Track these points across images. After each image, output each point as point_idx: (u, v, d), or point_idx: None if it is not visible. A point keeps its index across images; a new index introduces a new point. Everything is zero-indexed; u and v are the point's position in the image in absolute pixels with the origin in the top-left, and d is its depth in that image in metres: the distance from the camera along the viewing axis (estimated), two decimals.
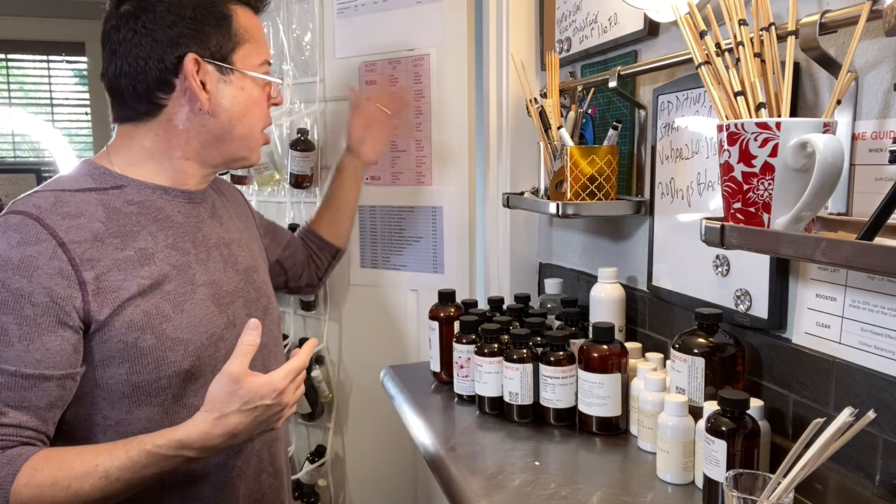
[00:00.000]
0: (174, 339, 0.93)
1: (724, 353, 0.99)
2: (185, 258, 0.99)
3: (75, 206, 0.92)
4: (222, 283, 1.03)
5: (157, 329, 0.92)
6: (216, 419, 0.84)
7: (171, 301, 0.94)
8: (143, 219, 0.97)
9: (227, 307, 1.02)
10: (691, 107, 1.14)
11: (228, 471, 1.01)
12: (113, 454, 0.84)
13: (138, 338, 0.91)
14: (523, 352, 1.19)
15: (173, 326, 0.93)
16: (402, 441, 1.77)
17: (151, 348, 0.91)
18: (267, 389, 0.86)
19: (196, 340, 0.95)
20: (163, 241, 0.97)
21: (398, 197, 1.89)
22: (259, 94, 1.03)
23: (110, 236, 0.92)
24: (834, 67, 0.83)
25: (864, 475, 0.85)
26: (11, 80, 4.01)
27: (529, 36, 1.65)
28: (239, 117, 1.01)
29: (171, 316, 0.94)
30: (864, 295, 0.85)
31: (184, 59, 0.95)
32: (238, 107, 1.00)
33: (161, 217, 0.99)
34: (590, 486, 0.97)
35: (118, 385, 0.91)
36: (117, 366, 0.91)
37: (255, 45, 1.01)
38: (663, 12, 1.11)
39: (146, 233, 0.96)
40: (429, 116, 1.80)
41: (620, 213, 1.30)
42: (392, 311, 1.94)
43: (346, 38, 1.91)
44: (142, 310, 0.91)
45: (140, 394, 0.92)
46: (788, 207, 0.77)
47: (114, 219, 0.94)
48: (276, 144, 2.02)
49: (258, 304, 1.09)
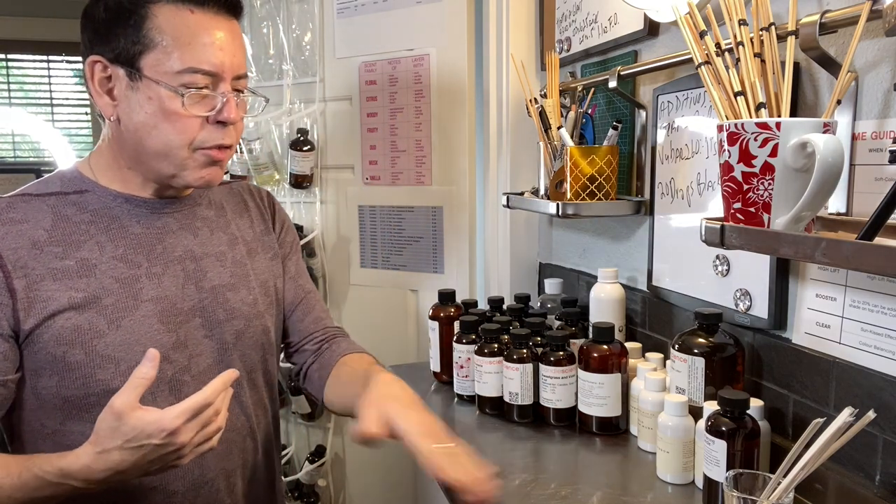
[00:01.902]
0: (104, 356, 0.88)
1: (724, 353, 0.99)
2: (134, 271, 0.93)
3: (23, 211, 0.90)
4: (176, 300, 0.95)
5: (86, 345, 0.88)
6: (97, 454, 0.77)
7: (108, 316, 0.89)
8: (92, 228, 0.92)
9: (179, 326, 0.94)
10: (691, 107, 1.14)
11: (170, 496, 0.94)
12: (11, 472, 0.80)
13: (66, 352, 0.87)
14: (523, 352, 1.19)
15: (105, 343, 0.88)
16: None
17: (80, 364, 0.88)
18: (154, 428, 0.75)
19: (130, 359, 0.88)
20: (110, 252, 0.92)
21: (398, 197, 1.89)
22: (175, 106, 0.88)
23: (51, 244, 0.89)
24: (834, 67, 0.83)
25: (864, 475, 0.85)
26: (11, 80, 4.01)
27: (529, 36, 1.65)
28: (147, 130, 0.89)
29: (105, 332, 0.89)
30: (864, 295, 0.85)
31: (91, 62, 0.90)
32: (145, 118, 0.89)
33: (114, 227, 0.94)
34: (590, 486, 0.97)
35: (50, 397, 0.89)
36: (48, 377, 0.88)
37: (176, 49, 0.87)
38: (663, 12, 1.11)
39: (93, 243, 0.92)
40: (429, 116, 1.80)
41: (620, 213, 1.30)
42: (392, 311, 1.94)
43: (346, 38, 1.91)
44: (73, 323, 0.87)
45: (71, 407, 0.89)
46: (788, 207, 0.77)
47: (59, 227, 0.91)
48: (277, 144, 2.02)
49: (228, 325, 0.99)
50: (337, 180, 1.98)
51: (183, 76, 0.88)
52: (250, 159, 1.99)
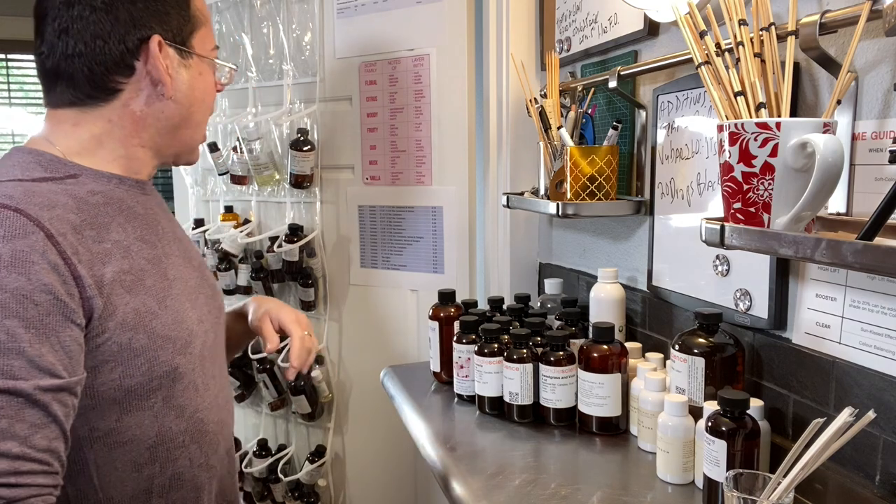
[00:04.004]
0: (164, 336, 0.88)
1: (724, 353, 0.99)
2: (156, 252, 0.92)
3: (45, 196, 0.82)
4: (187, 279, 0.97)
5: (147, 327, 0.86)
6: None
7: (155, 296, 0.89)
8: (109, 209, 0.89)
9: (195, 303, 0.97)
10: (691, 107, 1.14)
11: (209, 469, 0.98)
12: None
13: (132, 338, 0.85)
14: (523, 352, 1.19)
15: (161, 323, 0.88)
16: (402, 441, 1.77)
17: (144, 348, 0.86)
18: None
19: (180, 337, 0.91)
20: (132, 233, 0.90)
21: (398, 197, 1.89)
22: (212, 81, 0.99)
23: (86, 228, 0.84)
24: (834, 67, 0.83)
25: (864, 475, 0.85)
26: (11, 80, 4.01)
27: (529, 36, 1.65)
28: (199, 105, 0.96)
29: (157, 312, 0.88)
30: (864, 295, 0.85)
31: (148, 41, 0.88)
32: (197, 92, 0.95)
33: (125, 208, 0.91)
34: (590, 486, 0.97)
35: (110, 391, 0.84)
36: (110, 370, 0.84)
37: (208, 29, 0.97)
38: (663, 12, 1.11)
39: (115, 224, 0.88)
40: (429, 116, 1.80)
41: (620, 213, 1.30)
42: (392, 311, 1.94)
43: (346, 38, 1.91)
44: (132, 307, 0.85)
45: (132, 398, 0.86)
46: (788, 207, 0.77)
47: (84, 210, 0.85)
48: (277, 144, 2.03)
49: (214, 301, 1.03)
50: (337, 180, 1.98)
51: (213, 52, 0.98)
52: (250, 159, 1.99)
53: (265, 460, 2.13)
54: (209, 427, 0.96)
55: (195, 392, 0.93)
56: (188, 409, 0.92)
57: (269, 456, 2.15)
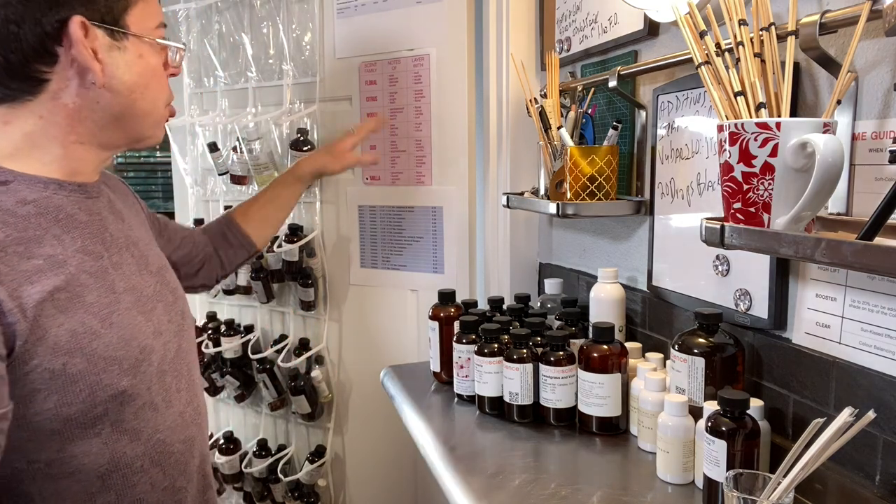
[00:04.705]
0: (107, 357, 0.79)
1: (724, 353, 0.99)
2: (100, 263, 0.83)
3: None
4: (142, 288, 0.88)
5: (86, 350, 0.77)
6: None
7: (97, 315, 0.79)
8: (42, 220, 0.79)
9: (151, 314, 0.88)
10: (691, 107, 1.14)
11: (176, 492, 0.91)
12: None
13: (66, 363, 0.75)
14: (523, 352, 1.19)
15: (104, 344, 0.79)
16: (402, 441, 1.77)
17: (83, 373, 0.77)
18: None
19: (129, 357, 0.82)
20: (71, 245, 0.81)
21: (398, 197, 1.89)
22: (157, 63, 0.87)
23: (11, 244, 0.75)
24: (834, 67, 0.83)
25: (864, 475, 0.85)
26: None
27: (529, 36, 1.65)
28: (141, 90, 0.85)
29: (100, 332, 0.79)
30: (864, 295, 0.85)
31: (68, 23, 0.77)
32: (137, 78, 0.85)
33: (63, 217, 0.82)
34: (590, 486, 0.97)
35: (46, 422, 0.75)
36: (43, 399, 0.75)
37: (149, 3, 0.85)
38: (663, 12, 1.11)
39: (50, 237, 0.79)
40: (429, 116, 1.80)
41: (620, 213, 1.30)
42: (392, 311, 1.94)
43: (346, 38, 1.91)
44: (66, 329, 0.76)
45: (73, 427, 0.77)
46: (788, 207, 0.77)
47: (9, 223, 0.76)
48: (277, 144, 2.03)
49: (175, 308, 0.95)
50: (337, 180, 1.98)
51: (158, 31, 0.87)
52: (250, 159, 1.99)
53: (265, 460, 2.13)
54: (173, 448, 0.89)
55: (153, 412, 0.85)
56: (145, 431, 0.84)
57: (269, 456, 2.15)
